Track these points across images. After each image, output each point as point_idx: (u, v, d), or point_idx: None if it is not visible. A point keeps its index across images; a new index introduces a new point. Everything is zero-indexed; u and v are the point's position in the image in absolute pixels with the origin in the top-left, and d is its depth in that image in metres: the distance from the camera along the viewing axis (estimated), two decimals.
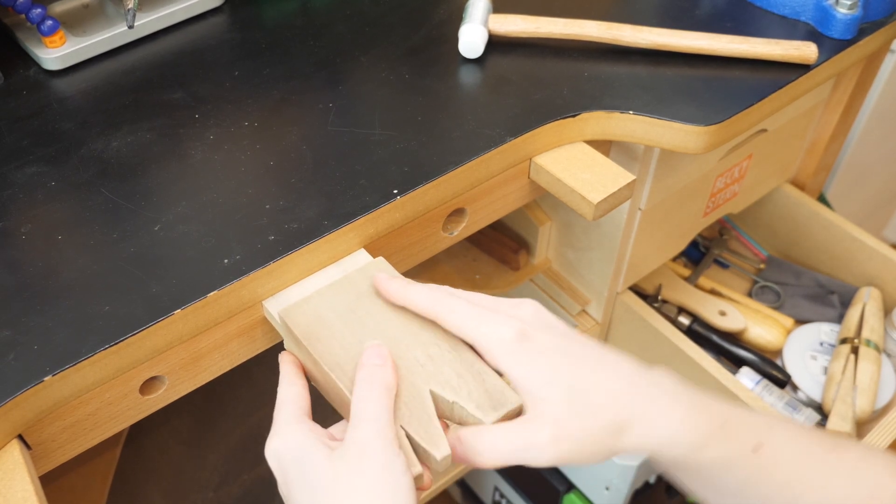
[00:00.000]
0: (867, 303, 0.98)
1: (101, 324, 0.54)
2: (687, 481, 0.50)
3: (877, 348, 0.93)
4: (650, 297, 1.00)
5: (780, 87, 0.73)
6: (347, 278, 0.59)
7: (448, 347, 0.54)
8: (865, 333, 0.94)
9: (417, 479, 0.48)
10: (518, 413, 0.51)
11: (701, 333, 0.98)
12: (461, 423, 0.52)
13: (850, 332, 0.95)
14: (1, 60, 0.75)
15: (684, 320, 0.99)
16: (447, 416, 0.53)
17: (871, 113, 1.40)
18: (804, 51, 0.73)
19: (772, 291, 1.06)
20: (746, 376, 0.91)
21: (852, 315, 0.97)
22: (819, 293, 1.05)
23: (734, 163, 0.91)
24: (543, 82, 0.73)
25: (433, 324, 0.55)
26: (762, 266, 1.09)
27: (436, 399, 0.52)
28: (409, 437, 0.50)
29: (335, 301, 0.57)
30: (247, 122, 0.69)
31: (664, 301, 1.00)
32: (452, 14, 0.81)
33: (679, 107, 0.70)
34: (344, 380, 0.53)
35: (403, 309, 0.56)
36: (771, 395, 0.90)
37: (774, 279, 1.07)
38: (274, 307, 0.59)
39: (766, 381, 0.91)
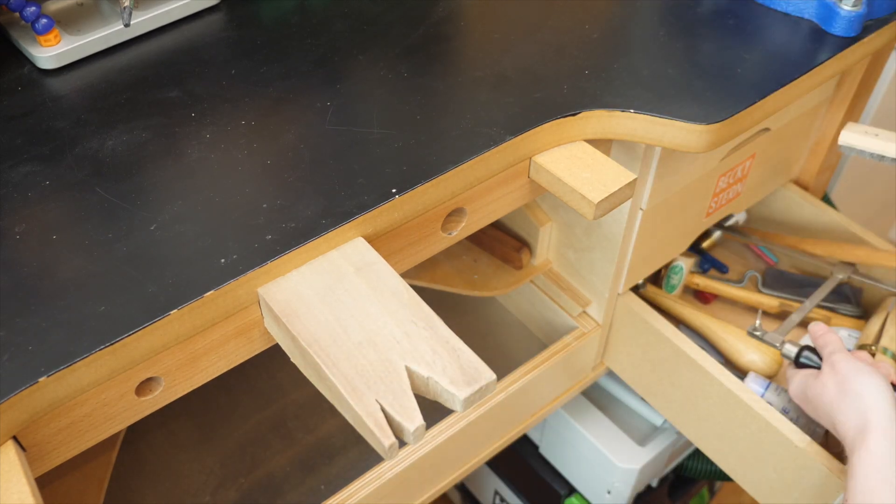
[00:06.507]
0: (891, 311, 0.97)
1: (97, 324, 0.53)
2: None
3: (894, 357, 0.92)
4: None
5: (783, 85, 0.72)
6: (327, 258, 0.60)
7: (424, 325, 0.56)
8: (884, 342, 0.92)
9: (391, 450, 0.51)
10: (491, 388, 0.54)
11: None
12: (436, 398, 0.54)
13: (869, 340, 0.94)
14: None
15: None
16: (422, 391, 0.55)
17: (876, 111, 1.39)
18: None
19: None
20: (755, 382, 0.90)
21: (874, 323, 0.96)
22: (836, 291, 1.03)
23: (737, 162, 0.90)
24: (543, 80, 0.72)
25: (411, 303, 0.57)
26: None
27: (411, 375, 0.54)
28: (383, 410, 0.52)
29: (314, 279, 0.59)
30: (244, 120, 0.68)
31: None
32: (451, 12, 0.81)
33: (680, 105, 0.70)
34: (321, 356, 0.54)
35: (381, 288, 0.58)
36: (781, 399, 0.88)
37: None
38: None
39: (774, 385, 0.90)
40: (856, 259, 1.00)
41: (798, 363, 0.85)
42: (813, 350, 0.84)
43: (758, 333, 0.91)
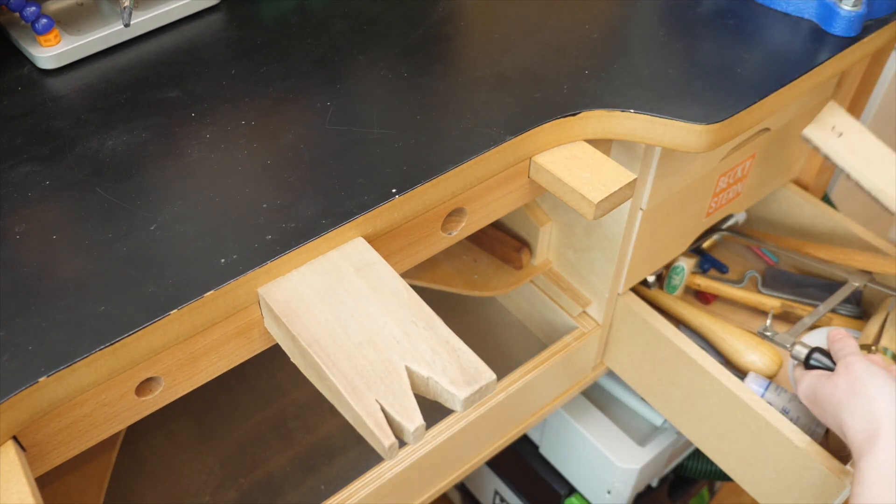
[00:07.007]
0: (891, 311, 0.97)
1: (97, 324, 0.53)
2: None
3: (894, 357, 0.92)
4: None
5: (783, 85, 0.72)
6: (327, 258, 0.60)
7: (424, 325, 0.56)
8: (884, 342, 0.92)
9: (391, 450, 0.51)
10: (491, 388, 0.54)
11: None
12: (436, 398, 0.54)
13: (869, 340, 0.93)
14: None
15: None
16: (422, 391, 0.55)
17: (876, 111, 1.39)
18: None
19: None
20: (755, 382, 0.90)
21: (874, 323, 0.96)
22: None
23: (737, 162, 0.90)
24: (543, 80, 0.72)
25: (411, 303, 0.57)
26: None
27: (411, 375, 0.54)
28: (383, 410, 0.52)
29: (314, 279, 0.59)
30: (244, 120, 0.68)
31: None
32: (451, 12, 0.80)
33: (681, 105, 0.70)
34: (321, 356, 0.54)
35: (381, 288, 0.58)
36: (781, 399, 0.88)
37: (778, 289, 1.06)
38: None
39: (774, 385, 0.89)
40: (858, 265, 1.00)
41: (808, 365, 0.84)
42: (823, 352, 0.84)
43: (768, 334, 0.91)
